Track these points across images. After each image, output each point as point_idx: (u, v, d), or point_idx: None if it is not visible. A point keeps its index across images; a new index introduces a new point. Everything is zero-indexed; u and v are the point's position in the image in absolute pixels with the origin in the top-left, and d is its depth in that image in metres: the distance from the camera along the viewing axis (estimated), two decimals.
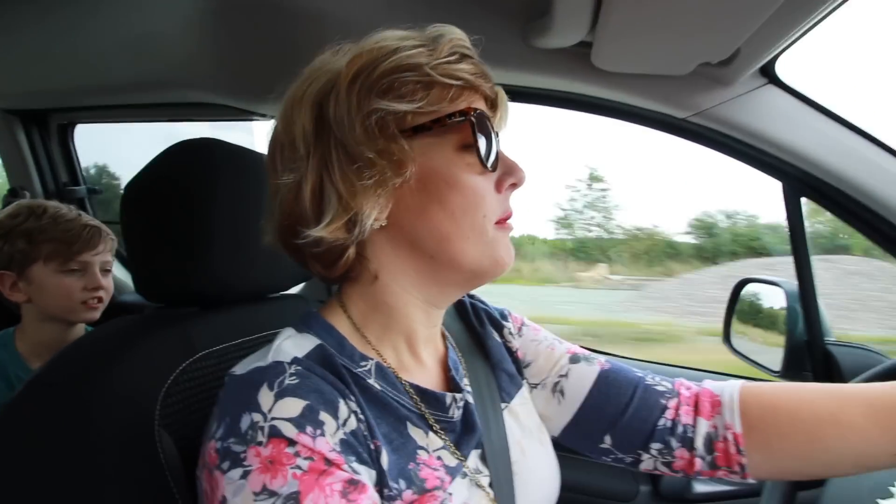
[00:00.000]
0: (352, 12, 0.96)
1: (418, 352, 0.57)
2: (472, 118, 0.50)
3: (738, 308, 1.19)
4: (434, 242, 0.50)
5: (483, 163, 0.50)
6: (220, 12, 1.03)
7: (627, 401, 0.62)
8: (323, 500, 0.40)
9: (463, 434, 0.55)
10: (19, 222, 1.06)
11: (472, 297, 0.71)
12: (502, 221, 0.53)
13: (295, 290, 0.84)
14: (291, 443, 0.41)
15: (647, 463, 0.62)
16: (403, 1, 0.91)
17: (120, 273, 1.77)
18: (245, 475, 0.40)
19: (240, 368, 0.47)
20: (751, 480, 0.58)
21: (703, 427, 0.59)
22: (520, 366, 0.67)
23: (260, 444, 0.40)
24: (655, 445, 0.60)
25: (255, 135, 1.65)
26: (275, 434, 0.41)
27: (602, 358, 0.66)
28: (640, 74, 0.93)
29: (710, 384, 0.63)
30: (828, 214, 0.97)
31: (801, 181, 0.96)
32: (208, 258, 0.62)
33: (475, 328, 0.67)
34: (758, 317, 1.22)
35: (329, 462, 0.41)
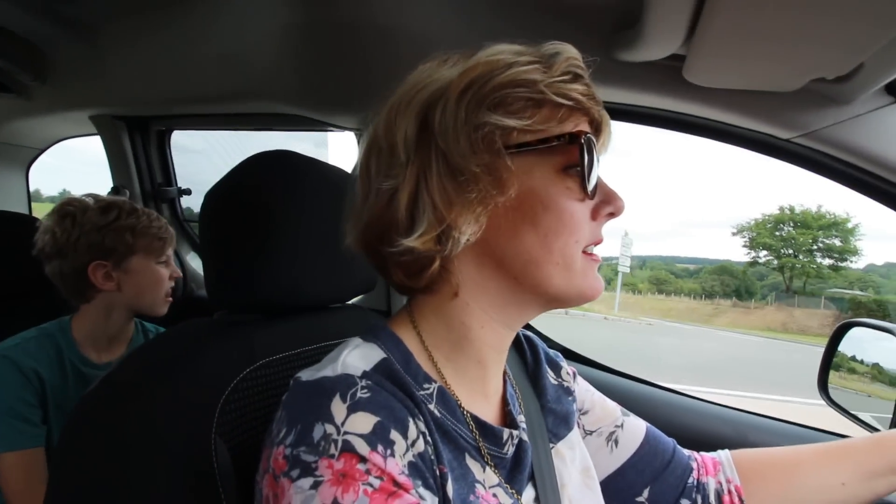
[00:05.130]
0: (431, 30, 0.96)
1: (488, 382, 0.54)
2: (583, 141, 0.47)
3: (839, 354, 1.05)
4: (521, 265, 0.48)
5: (584, 188, 0.48)
6: (305, 29, 1.07)
7: (669, 458, 0.67)
8: None
9: (512, 470, 0.53)
10: (119, 217, 1.13)
11: (527, 332, 0.68)
12: (591, 253, 0.51)
13: (353, 300, 0.83)
14: (363, 460, 0.40)
15: None
16: (482, 16, 0.89)
17: (200, 269, 1.88)
18: (316, 486, 0.39)
19: (307, 374, 0.46)
20: None
21: (713, 484, 0.67)
22: (576, 409, 0.67)
23: (332, 456, 0.40)
24: (684, 502, 0.65)
25: (329, 147, 1.72)
26: (347, 449, 0.40)
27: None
28: (740, 90, 0.84)
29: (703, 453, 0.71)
30: None
31: None
32: (273, 268, 0.62)
33: (529, 364, 0.65)
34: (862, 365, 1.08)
35: (398, 485, 0.41)
